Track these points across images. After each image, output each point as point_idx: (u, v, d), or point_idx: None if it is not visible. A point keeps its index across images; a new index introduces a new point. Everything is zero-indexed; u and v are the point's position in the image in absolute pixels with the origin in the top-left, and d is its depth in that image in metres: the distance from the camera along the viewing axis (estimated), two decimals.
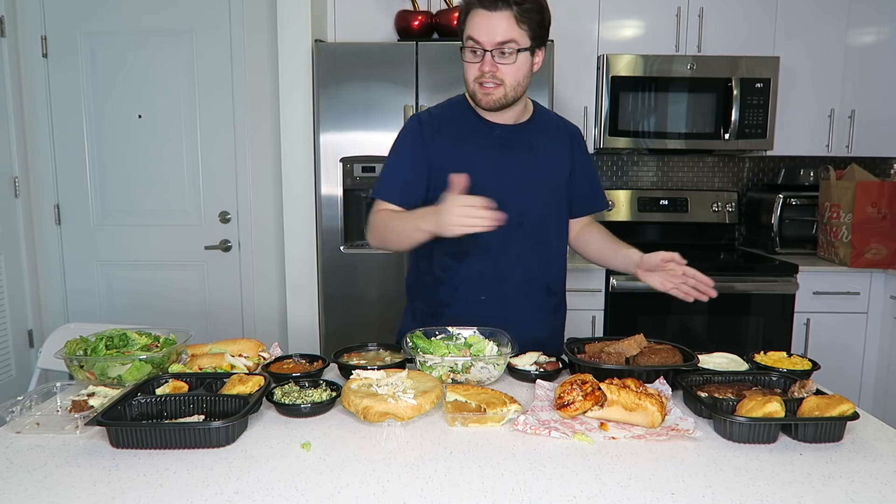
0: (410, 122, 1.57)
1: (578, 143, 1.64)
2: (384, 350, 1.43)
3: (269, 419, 1.11)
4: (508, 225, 1.49)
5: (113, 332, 1.32)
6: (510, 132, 1.53)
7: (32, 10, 2.93)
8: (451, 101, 1.60)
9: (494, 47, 1.39)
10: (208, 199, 3.05)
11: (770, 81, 2.82)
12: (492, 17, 1.37)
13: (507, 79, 1.42)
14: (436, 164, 1.50)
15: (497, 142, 1.52)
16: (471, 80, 1.45)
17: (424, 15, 2.72)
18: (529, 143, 1.55)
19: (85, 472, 0.92)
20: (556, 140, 1.60)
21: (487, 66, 1.40)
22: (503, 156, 1.52)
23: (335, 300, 2.66)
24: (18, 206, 2.96)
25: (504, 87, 1.43)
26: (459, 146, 1.51)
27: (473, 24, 1.39)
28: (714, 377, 1.23)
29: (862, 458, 0.98)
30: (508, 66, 1.41)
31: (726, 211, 3.22)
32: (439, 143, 1.52)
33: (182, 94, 2.98)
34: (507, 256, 1.53)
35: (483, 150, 1.52)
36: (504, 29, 1.37)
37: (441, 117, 1.56)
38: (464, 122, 1.54)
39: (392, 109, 2.56)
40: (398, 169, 1.55)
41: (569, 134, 1.63)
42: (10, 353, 2.93)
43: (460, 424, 1.09)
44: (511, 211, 1.45)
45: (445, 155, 1.50)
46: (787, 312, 2.72)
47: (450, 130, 1.53)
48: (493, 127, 1.53)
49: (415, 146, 1.53)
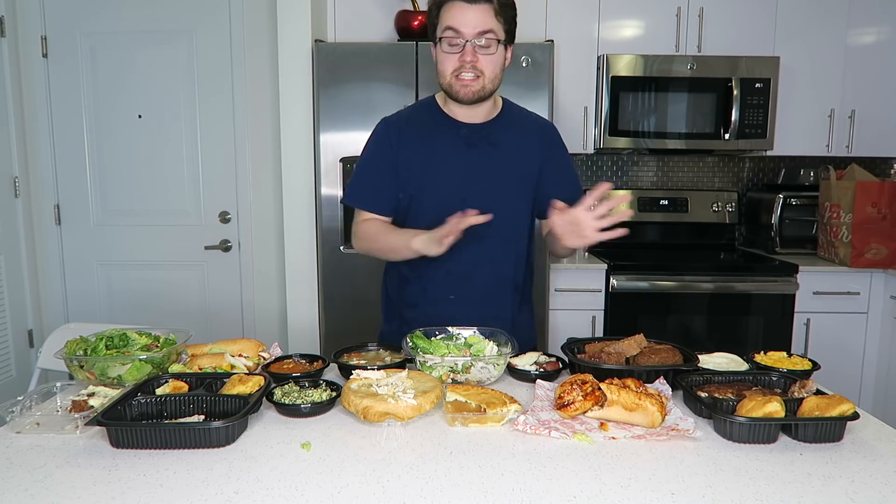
0: (378, 126, 1.59)
1: (550, 137, 1.61)
2: (384, 350, 1.43)
3: (269, 419, 1.11)
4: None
5: (113, 332, 1.32)
6: (476, 130, 1.53)
7: (32, 10, 2.93)
8: (421, 102, 1.62)
9: (475, 37, 1.39)
10: (208, 199, 3.05)
11: (770, 81, 2.82)
12: (472, 8, 1.38)
13: (487, 70, 1.42)
14: (403, 165, 1.51)
15: (462, 140, 1.52)
16: (448, 73, 1.44)
17: (424, 15, 2.72)
18: (496, 140, 1.54)
19: (85, 472, 0.92)
20: (523, 136, 1.57)
21: (468, 55, 1.40)
22: (469, 154, 1.52)
23: (335, 300, 2.65)
24: (18, 206, 2.96)
25: (483, 79, 1.43)
26: (425, 146, 1.52)
27: (452, 15, 1.40)
28: (714, 377, 1.23)
29: (862, 458, 0.98)
30: (489, 56, 1.41)
31: (726, 211, 3.22)
32: (405, 143, 1.53)
33: (182, 94, 2.98)
34: (475, 255, 1.53)
35: (448, 149, 1.52)
36: (485, 19, 1.39)
37: (408, 118, 1.57)
38: (430, 122, 1.54)
39: (392, 109, 2.49)
40: (367, 175, 1.57)
41: (538, 129, 1.60)
42: (10, 353, 2.93)
43: (460, 424, 1.09)
44: (478, 209, 1.44)
45: (412, 155, 1.51)
46: (787, 312, 2.72)
47: (416, 131, 1.54)
48: (460, 126, 1.53)
49: (381, 151, 1.54)
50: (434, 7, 1.45)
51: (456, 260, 1.51)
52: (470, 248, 1.50)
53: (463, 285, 1.55)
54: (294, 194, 2.74)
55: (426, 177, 1.52)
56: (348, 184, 1.60)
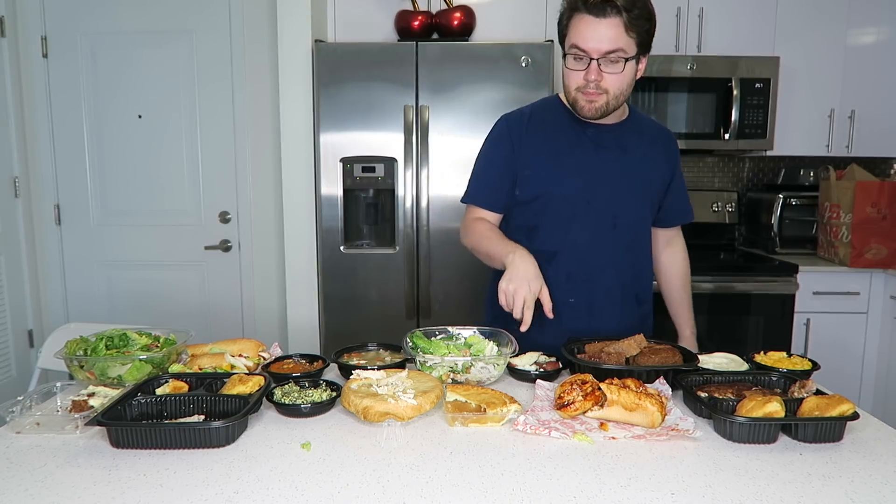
0: (498, 122, 1.55)
1: (674, 149, 1.59)
2: (384, 350, 1.43)
3: (269, 419, 1.11)
4: (601, 226, 1.47)
5: (113, 332, 1.32)
6: (604, 132, 1.48)
7: (32, 10, 2.93)
8: (544, 100, 1.57)
9: (601, 56, 1.32)
10: (208, 199, 3.05)
11: (770, 81, 2.81)
12: (600, 24, 1.30)
13: (612, 88, 1.36)
14: (524, 161, 1.46)
15: (590, 141, 1.48)
16: (572, 88, 1.39)
17: (424, 15, 2.72)
18: (624, 143, 1.49)
19: (85, 472, 0.92)
20: (651, 143, 1.54)
21: (593, 74, 1.34)
22: (596, 155, 1.48)
23: (335, 300, 2.66)
24: (18, 206, 2.96)
25: (607, 96, 1.37)
26: (550, 144, 1.48)
27: (579, 31, 1.33)
28: (714, 377, 1.23)
29: (862, 458, 0.98)
30: (614, 75, 1.35)
31: (726, 211, 3.22)
32: (529, 140, 1.48)
33: (182, 93, 2.98)
34: (598, 259, 1.49)
35: (575, 148, 1.47)
36: (612, 37, 1.31)
37: (531, 115, 1.52)
38: (555, 120, 1.50)
39: (392, 109, 2.56)
40: (484, 172, 1.54)
41: (665, 139, 1.58)
42: (10, 353, 2.93)
43: (460, 424, 1.09)
44: (604, 212, 1.44)
45: (535, 152, 1.47)
46: (787, 312, 2.72)
47: (541, 128, 1.49)
48: (587, 126, 1.47)
49: (500, 147, 1.51)
50: (564, 16, 1.38)
51: (578, 263, 1.48)
52: (593, 251, 1.48)
53: (584, 290, 1.50)
54: (294, 194, 2.74)
55: (551, 175, 1.47)
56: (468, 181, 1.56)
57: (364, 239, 2.72)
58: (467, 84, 2.54)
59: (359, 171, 2.59)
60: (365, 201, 2.69)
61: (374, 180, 2.60)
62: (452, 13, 2.69)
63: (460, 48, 2.57)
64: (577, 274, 1.50)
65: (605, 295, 1.52)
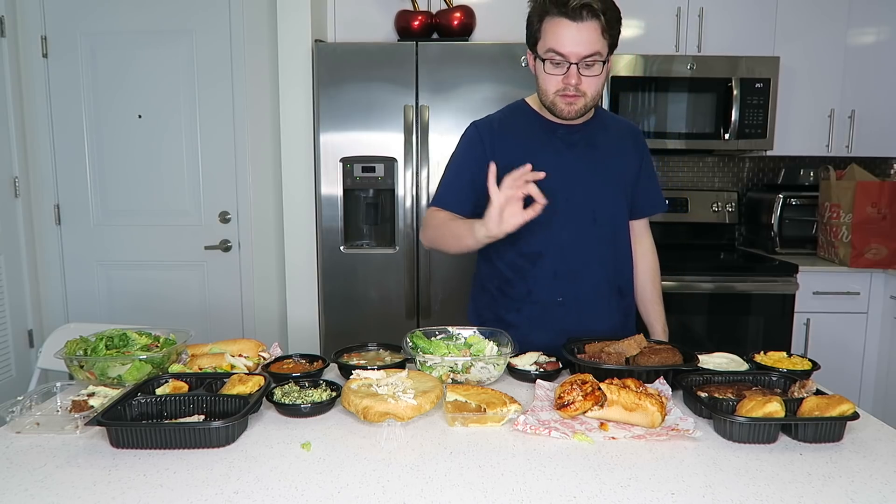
0: (468, 128, 1.56)
1: (641, 141, 1.63)
2: (384, 350, 1.43)
3: (269, 419, 1.11)
4: (582, 222, 1.50)
5: (113, 332, 1.32)
6: (573, 131, 1.51)
7: (32, 10, 2.93)
8: (510, 105, 1.59)
9: (580, 60, 1.34)
10: (208, 199, 3.05)
11: (770, 81, 2.81)
12: (579, 28, 1.31)
13: (589, 90, 1.39)
14: (499, 167, 1.45)
15: (561, 141, 1.50)
16: (550, 92, 1.41)
17: (424, 15, 2.72)
18: (593, 141, 1.53)
19: (85, 472, 0.92)
20: (619, 138, 1.58)
21: (573, 78, 1.36)
22: (569, 153, 1.50)
23: (335, 300, 2.66)
24: (18, 206, 2.96)
25: (585, 98, 1.40)
26: (521, 147, 1.49)
27: (556, 36, 1.34)
28: (714, 377, 1.23)
29: (862, 458, 0.98)
30: (592, 77, 1.37)
31: (726, 211, 3.22)
32: (501, 145, 1.50)
33: (182, 93, 2.98)
34: (582, 255, 1.51)
35: (547, 148, 1.50)
36: (590, 41, 1.32)
37: (501, 120, 1.55)
38: (524, 123, 1.52)
39: (392, 109, 2.56)
40: (456, 177, 1.55)
41: (631, 133, 1.62)
42: (10, 353, 2.93)
43: (460, 424, 1.09)
44: (583, 207, 1.46)
45: (508, 157, 1.46)
46: (786, 312, 2.72)
47: (511, 132, 1.52)
48: (556, 127, 1.50)
49: (472, 153, 1.52)
50: (534, 19, 1.39)
51: (563, 261, 1.51)
52: (576, 248, 1.50)
53: (570, 287, 1.52)
54: (294, 194, 2.74)
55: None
56: (437, 186, 1.58)
57: (364, 239, 2.72)
58: (467, 84, 2.54)
59: (359, 170, 2.59)
60: (365, 201, 2.69)
61: (374, 180, 2.60)
62: (452, 13, 2.69)
63: (460, 48, 2.57)
64: (563, 272, 1.52)
65: (592, 290, 1.54)
